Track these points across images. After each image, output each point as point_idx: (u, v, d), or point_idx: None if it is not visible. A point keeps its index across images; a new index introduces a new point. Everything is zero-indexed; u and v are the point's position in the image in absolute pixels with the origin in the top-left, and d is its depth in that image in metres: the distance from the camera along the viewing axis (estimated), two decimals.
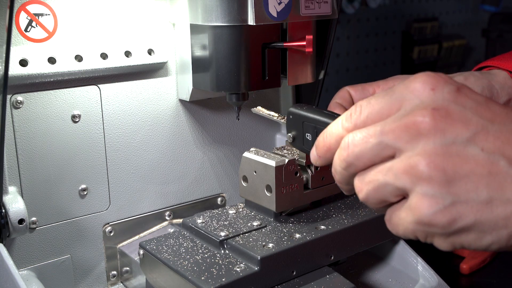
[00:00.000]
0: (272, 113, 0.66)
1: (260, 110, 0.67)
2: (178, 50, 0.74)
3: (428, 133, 0.37)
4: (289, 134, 0.55)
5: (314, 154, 0.47)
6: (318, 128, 0.51)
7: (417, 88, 0.39)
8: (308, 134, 0.52)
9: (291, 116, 0.54)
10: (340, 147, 0.42)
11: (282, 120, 0.63)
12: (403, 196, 0.39)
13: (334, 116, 0.49)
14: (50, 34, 0.65)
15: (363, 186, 0.41)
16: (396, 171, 0.38)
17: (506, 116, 0.38)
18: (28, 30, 0.63)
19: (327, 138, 0.45)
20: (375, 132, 0.40)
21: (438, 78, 0.39)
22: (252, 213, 0.69)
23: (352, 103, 0.54)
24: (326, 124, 0.48)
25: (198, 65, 0.71)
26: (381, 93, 0.42)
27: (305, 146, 0.53)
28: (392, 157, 0.39)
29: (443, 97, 0.38)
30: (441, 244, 0.38)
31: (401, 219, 0.39)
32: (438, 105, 0.38)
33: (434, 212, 0.36)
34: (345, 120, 0.43)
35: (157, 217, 0.79)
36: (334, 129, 0.44)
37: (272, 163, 0.65)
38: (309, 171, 0.68)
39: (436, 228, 0.37)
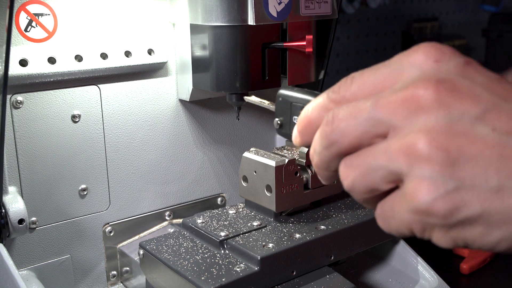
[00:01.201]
0: (264, 100, 0.61)
1: (252, 98, 0.65)
2: (178, 50, 0.74)
3: (430, 108, 0.31)
4: (277, 119, 0.49)
5: (294, 132, 0.41)
6: None
7: (419, 59, 0.34)
8: (296, 117, 0.46)
9: (280, 99, 0.48)
10: (323, 122, 0.36)
11: (272, 106, 0.55)
12: (396, 183, 0.33)
13: None
14: (50, 34, 0.65)
15: (349, 171, 0.35)
16: (390, 152, 0.32)
17: None
18: (28, 30, 0.63)
19: (309, 111, 0.39)
20: (366, 105, 0.34)
21: (444, 49, 0.33)
22: (252, 213, 0.69)
23: None
24: None
25: (198, 65, 0.71)
26: (378, 64, 0.36)
27: (292, 132, 0.46)
28: (384, 136, 0.33)
29: (448, 70, 0.33)
30: (441, 239, 0.32)
31: (395, 210, 0.33)
32: (443, 78, 0.32)
33: (434, 198, 0.30)
34: (332, 92, 0.37)
35: (157, 217, 0.79)
36: (319, 101, 0.38)
37: (272, 163, 0.65)
38: (309, 171, 0.68)
39: (436, 218, 0.31)
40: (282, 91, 0.48)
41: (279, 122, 0.49)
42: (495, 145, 0.30)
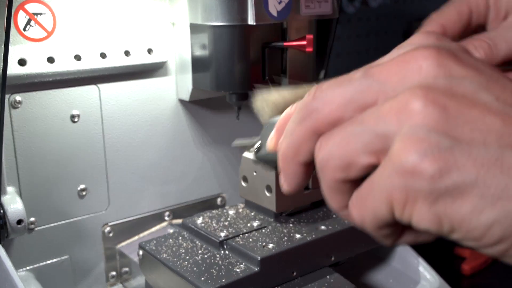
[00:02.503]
0: (252, 139, 0.55)
1: (239, 142, 0.61)
2: (178, 50, 0.74)
3: (429, 69, 0.28)
4: (258, 143, 0.45)
5: (271, 135, 0.37)
6: None
7: (417, 36, 0.31)
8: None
9: (266, 126, 0.44)
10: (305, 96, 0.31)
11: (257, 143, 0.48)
12: (378, 159, 0.28)
13: None
14: (49, 34, 0.64)
15: (327, 140, 0.30)
16: (379, 113, 0.28)
17: None
18: (26, 29, 0.63)
19: (293, 107, 0.34)
20: (356, 74, 0.30)
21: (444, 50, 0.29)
22: (252, 214, 0.69)
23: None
24: None
25: (198, 64, 0.71)
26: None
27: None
28: (372, 105, 0.29)
29: (450, 44, 0.30)
30: (424, 215, 0.26)
31: (374, 183, 0.28)
32: (444, 46, 0.29)
33: (424, 154, 0.25)
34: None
35: (157, 218, 0.79)
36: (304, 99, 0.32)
37: None
38: None
39: (423, 180, 0.26)
40: (270, 120, 0.43)
41: (258, 145, 0.45)
42: (497, 113, 0.26)
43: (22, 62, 0.62)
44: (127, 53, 0.70)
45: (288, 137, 0.32)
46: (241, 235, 0.63)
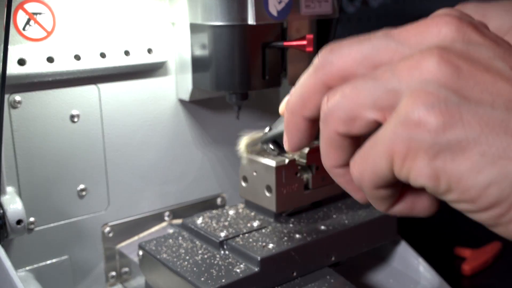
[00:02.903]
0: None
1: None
2: (178, 50, 0.74)
3: (448, 34, 0.28)
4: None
5: (283, 101, 0.36)
6: None
7: (442, 9, 0.31)
8: None
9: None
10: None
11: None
12: (384, 115, 0.28)
13: None
14: (49, 33, 0.64)
15: (336, 91, 0.30)
16: (392, 69, 0.28)
17: None
18: (26, 29, 0.62)
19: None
20: (376, 34, 0.30)
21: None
22: (252, 214, 0.69)
23: None
24: None
25: (198, 64, 0.71)
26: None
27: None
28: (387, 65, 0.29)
29: (471, 18, 0.30)
30: (422, 170, 0.26)
31: (378, 138, 0.28)
32: (466, 18, 0.29)
33: (431, 106, 0.26)
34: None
35: (157, 218, 0.79)
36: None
37: (273, 163, 0.64)
38: (310, 171, 0.68)
39: (425, 133, 0.26)
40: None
41: (269, 128, 0.49)
42: (510, 82, 0.27)
43: (21, 62, 0.62)
44: (127, 53, 0.70)
45: (298, 88, 0.32)
46: (241, 235, 0.63)
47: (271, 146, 0.52)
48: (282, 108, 0.39)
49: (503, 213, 0.26)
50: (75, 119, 0.69)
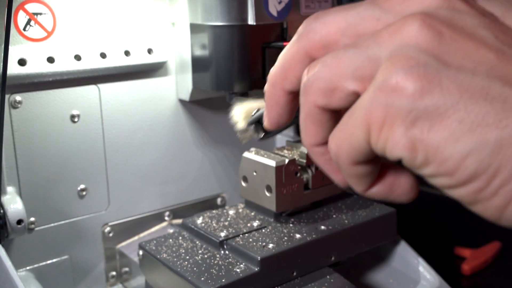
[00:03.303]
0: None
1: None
2: (178, 50, 0.74)
3: (433, 1, 0.28)
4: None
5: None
6: None
7: None
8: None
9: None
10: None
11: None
12: (364, 85, 0.27)
13: None
14: (49, 33, 0.64)
15: (315, 63, 0.29)
16: (374, 37, 0.27)
17: None
18: (26, 29, 0.63)
19: None
20: (362, 2, 0.30)
21: None
22: (252, 214, 0.69)
23: None
24: None
25: (198, 64, 0.71)
26: None
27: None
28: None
29: None
30: (399, 138, 0.25)
31: (354, 108, 0.27)
32: None
33: (408, 71, 0.25)
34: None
35: (157, 218, 0.79)
36: None
37: (272, 163, 0.64)
38: (310, 171, 0.68)
39: (402, 98, 0.25)
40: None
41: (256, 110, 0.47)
42: (493, 48, 0.26)
43: (22, 62, 0.62)
44: (127, 53, 0.70)
45: (280, 58, 0.31)
46: (241, 235, 0.63)
47: (253, 128, 0.51)
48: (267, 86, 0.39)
49: (482, 188, 0.25)
50: (76, 119, 0.69)
